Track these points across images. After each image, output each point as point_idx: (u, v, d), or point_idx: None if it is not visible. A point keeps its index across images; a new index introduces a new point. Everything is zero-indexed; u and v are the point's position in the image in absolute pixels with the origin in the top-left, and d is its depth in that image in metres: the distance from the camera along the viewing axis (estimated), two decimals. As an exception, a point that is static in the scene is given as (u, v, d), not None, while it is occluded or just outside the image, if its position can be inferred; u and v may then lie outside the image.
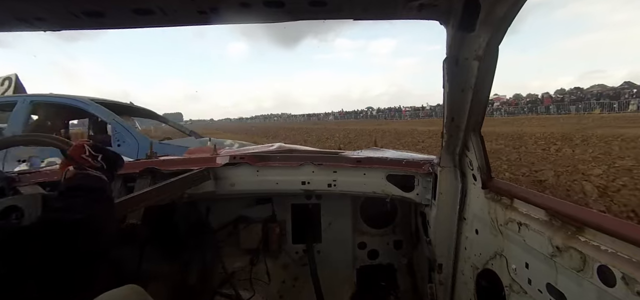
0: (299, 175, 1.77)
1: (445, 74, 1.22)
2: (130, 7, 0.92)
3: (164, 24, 1.03)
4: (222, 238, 2.05)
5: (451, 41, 1.14)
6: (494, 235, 1.27)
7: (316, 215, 2.10)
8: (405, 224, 2.12)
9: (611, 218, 0.87)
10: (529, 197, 1.11)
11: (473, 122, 1.29)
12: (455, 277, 1.59)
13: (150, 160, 1.89)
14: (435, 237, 1.59)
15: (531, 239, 1.06)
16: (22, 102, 4.51)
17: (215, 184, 1.75)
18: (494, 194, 1.27)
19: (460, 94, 1.22)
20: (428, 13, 1.06)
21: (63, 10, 0.93)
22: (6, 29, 1.04)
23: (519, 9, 0.93)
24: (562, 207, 0.98)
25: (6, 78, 5.47)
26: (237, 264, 2.05)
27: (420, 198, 1.70)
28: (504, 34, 1.02)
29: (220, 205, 2.02)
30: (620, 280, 0.76)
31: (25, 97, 4.65)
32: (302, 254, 2.11)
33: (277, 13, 0.99)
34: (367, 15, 1.05)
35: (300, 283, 2.11)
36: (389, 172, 1.74)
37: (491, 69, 1.12)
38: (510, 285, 1.19)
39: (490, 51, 1.06)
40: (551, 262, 0.97)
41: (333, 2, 0.95)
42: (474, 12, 1.00)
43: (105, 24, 1.01)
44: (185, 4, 0.92)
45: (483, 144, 1.33)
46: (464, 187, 1.46)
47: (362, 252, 2.14)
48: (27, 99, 4.58)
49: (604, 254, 0.81)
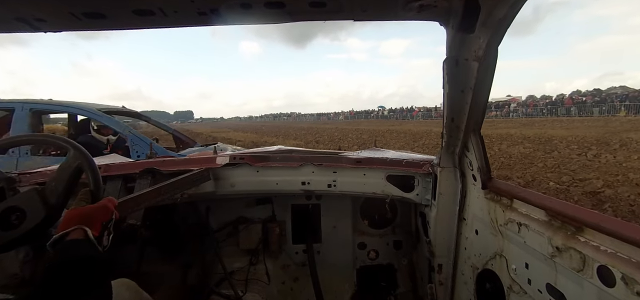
0: (299, 176, 1.77)
1: (445, 74, 1.22)
2: (130, 8, 0.92)
3: (164, 25, 1.04)
4: (222, 238, 2.05)
5: (451, 42, 1.14)
6: (493, 236, 1.27)
7: (316, 216, 2.10)
8: (405, 224, 2.12)
9: (611, 218, 0.87)
10: (529, 198, 1.11)
11: (473, 123, 1.29)
12: (455, 277, 1.60)
13: (150, 160, 1.89)
14: (435, 237, 1.59)
15: (531, 239, 1.06)
16: (21, 109, 4.46)
17: (215, 184, 1.75)
18: (494, 195, 1.27)
19: (460, 94, 1.23)
20: (428, 14, 1.06)
21: (63, 12, 0.93)
22: (6, 30, 1.04)
23: (518, 10, 0.93)
24: (561, 208, 0.98)
25: None
26: (237, 264, 2.05)
27: (420, 198, 1.70)
28: (503, 35, 1.02)
29: (220, 205, 2.02)
30: (620, 281, 0.76)
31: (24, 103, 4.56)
32: (302, 254, 2.11)
33: (278, 14, 0.99)
34: (367, 15, 1.06)
35: (300, 283, 2.11)
36: (389, 173, 1.74)
37: (491, 69, 1.13)
38: (510, 285, 1.19)
39: (489, 52, 1.06)
40: (551, 263, 0.97)
41: (333, 3, 0.96)
42: (473, 13, 1.00)
43: (106, 25, 1.01)
44: (185, 5, 0.92)
45: (483, 145, 1.33)
46: (463, 188, 1.47)
47: (362, 252, 2.14)
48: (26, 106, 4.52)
49: (603, 254, 0.81)
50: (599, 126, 19.47)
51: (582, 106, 35.93)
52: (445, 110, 1.34)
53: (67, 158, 0.99)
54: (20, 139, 1.23)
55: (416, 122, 42.55)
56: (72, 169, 0.96)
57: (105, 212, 0.88)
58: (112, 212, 0.90)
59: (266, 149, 2.72)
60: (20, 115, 4.40)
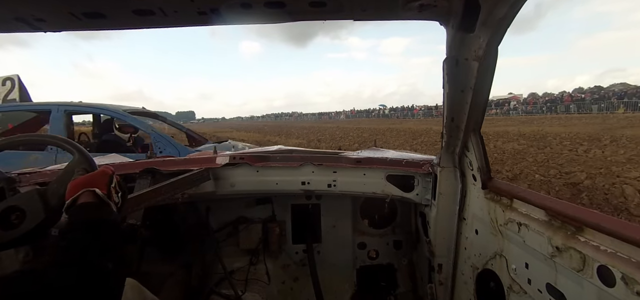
0: (299, 176, 1.77)
1: (445, 74, 1.22)
2: (130, 8, 0.92)
3: (164, 25, 1.04)
4: (222, 238, 2.05)
5: (451, 42, 1.14)
6: (493, 236, 1.27)
7: (316, 216, 2.10)
8: (405, 224, 2.12)
9: (611, 218, 0.87)
10: (529, 198, 1.11)
11: (473, 123, 1.29)
12: (455, 277, 1.60)
13: (150, 160, 1.89)
14: (435, 237, 1.59)
15: (531, 239, 1.06)
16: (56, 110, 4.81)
17: (215, 184, 1.75)
18: (494, 194, 1.27)
19: (460, 94, 1.23)
20: (428, 14, 1.06)
21: (63, 11, 0.93)
22: (6, 30, 1.04)
23: (518, 9, 0.93)
24: (561, 207, 0.98)
25: (7, 78, 5.64)
26: (237, 264, 2.05)
27: (420, 198, 1.70)
28: (503, 35, 1.02)
29: (220, 205, 2.02)
30: (620, 280, 0.76)
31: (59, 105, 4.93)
32: (302, 254, 2.11)
33: (278, 14, 0.99)
34: (367, 15, 1.06)
35: (300, 283, 2.11)
36: (388, 172, 1.74)
37: (491, 69, 1.13)
38: (510, 285, 1.19)
39: (489, 52, 1.06)
40: (551, 262, 0.97)
41: (333, 3, 0.96)
42: (473, 13, 1.00)
43: (106, 25, 1.01)
44: (185, 4, 0.92)
45: (483, 144, 1.33)
46: (463, 188, 1.47)
47: (362, 252, 2.14)
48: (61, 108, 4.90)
49: (603, 254, 0.81)
50: (596, 123, 19.67)
51: (581, 103, 36.17)
52: (445, 110, 1.34)
53: (72, 161, 0.99)
54: (20, 139, 1.23)
55: (417, 120, 42.68)
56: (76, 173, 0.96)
57: (105, 174, 0.91)
58: (112, 173, 0.93)
59: (266, 149, 2.73)
60: (56, 116, 4.74)
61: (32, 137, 1.21)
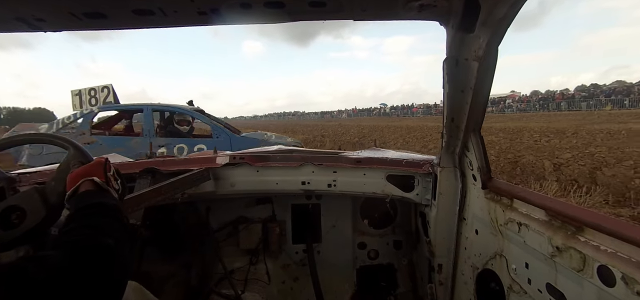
0: (299, 176, 1.77)
1: (445, 74, 1.22)
2: (130, 8, 0.92)
3: (164, 25, 1.04)
4: (222, 238, 2.05)
5: (451, 42, 1.14)
6: (493, 236, 1.27)
7: (316, 216, 2.10)
8: (405, 224, 2.12)
9: (611, 218, 0.87)
10: (529, 197, 1.11)
11: (473, 123, 1.29)
12: (455, 277, 1.59)
13: (150, 160, 1.89)
14: (435, 237, 1.59)
15: (531, 239, 1.06)
16: (147, 109, 6.58)
17: (215, 184, 1.75)
18: (494, 194, 1.27)
19: (460, 94, 1.23)
20: (428, 14, 1.06)
21: (63, 11, 0.93)
22: (6, 30, 1.04)
23: (518, 9, 0.93)
24: (561, 207, 0.98)
25: (105, 86, 7.10)
26: (237, 264, 2.05)
27: (420, 198, 1.70)
28: (503, 35, 1.02)
29: (220, 205, 2.02)
30: (620, 280, 0.76)
31: (148, 105, 6.69)
32: (302, 254, 2.11)
33: (278, 14, 0.99)
34: (367, 15, 1.06)
35: (300, 283, 2.11)
36: (389, 172, 1.74)
37: (491, 69, 1.13)
38: (510, 285, 1.19)
39: (489, 52, 1.06)
40: (551, 262, 0.97)
41: (333, 3, 0.96)
42: (473, 13, 1.00)
43: (106, 25, 1.01)
44: (185, 4, 0.92)
45: (483, 144, 1.33)
46: (463, 188, 1.47)
47: (362, 252, 2.14)
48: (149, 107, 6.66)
49: (603, 254, 0.81)
50: (577, 120, 21.26)
51: (571, 101, 37.96)
52: (445, 110, 1.34)
53: (67, 157, 0.98)
54: (20, 137, 1.23)
55: (415, 118, 43.93)
56: (72, 167, 0.96)
57: (100, 164, 0.93)
58: (106, 160, 0.94)
59: (266, 149, 2.72)
60: (147, 112, 6.48)
61: (31, 136, 1.21)
